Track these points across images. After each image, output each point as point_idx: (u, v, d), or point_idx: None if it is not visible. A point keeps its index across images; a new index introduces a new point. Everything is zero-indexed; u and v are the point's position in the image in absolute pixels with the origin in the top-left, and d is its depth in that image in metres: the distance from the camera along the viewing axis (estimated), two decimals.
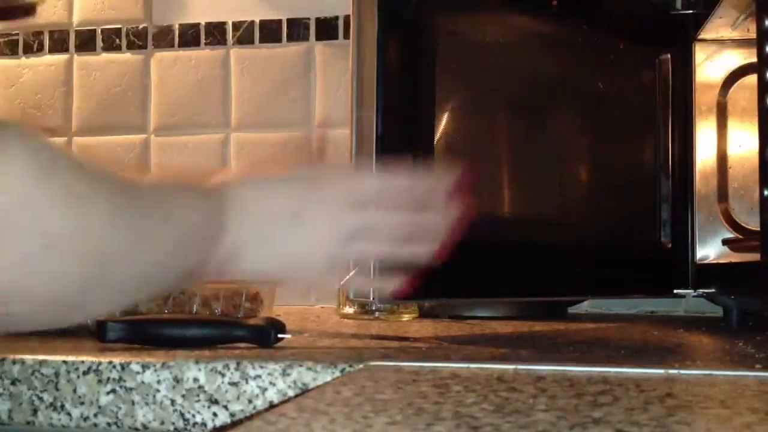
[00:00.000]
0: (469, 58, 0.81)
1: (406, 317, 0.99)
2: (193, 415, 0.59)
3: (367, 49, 0.71)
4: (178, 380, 0.59)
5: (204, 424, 0.59)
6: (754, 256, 0.74)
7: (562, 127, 0.91)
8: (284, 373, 0.58)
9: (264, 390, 0.58)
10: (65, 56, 1.37)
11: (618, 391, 0.46)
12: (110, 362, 0.60)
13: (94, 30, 1.37)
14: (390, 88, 0.71)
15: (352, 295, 0.67)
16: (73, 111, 1.36)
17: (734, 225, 0.97)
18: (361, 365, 0.56)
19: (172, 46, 1.34)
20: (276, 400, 0.58)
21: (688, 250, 0.97)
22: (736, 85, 0.98)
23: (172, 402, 0.59)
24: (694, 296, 0.95)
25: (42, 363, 0.61)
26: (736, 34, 0.97)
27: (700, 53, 0.99)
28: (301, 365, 0.58)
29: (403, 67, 0.73)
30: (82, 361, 0.61)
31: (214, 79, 1.32)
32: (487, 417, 0.38)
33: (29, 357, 0.62)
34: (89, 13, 1.37)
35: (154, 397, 0.60)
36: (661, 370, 0.54)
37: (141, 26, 1.36)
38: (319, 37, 1.30)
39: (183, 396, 0.59)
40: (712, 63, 0.99)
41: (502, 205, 0.85)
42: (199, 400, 0.59)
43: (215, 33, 1.33)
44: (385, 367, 0.55)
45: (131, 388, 0.60)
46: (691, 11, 0.99)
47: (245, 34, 1.32)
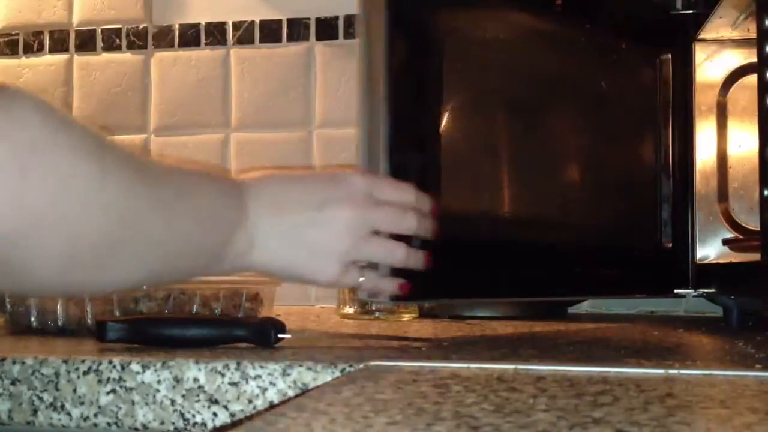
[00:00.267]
0: (474, 58, 0.81)
1: (406, 317, 0.98)
2: (193, 415, 0.59)
3: (376, 49, 0.71)
4: (178, 380, 0.59)
5: (204, 424, 0.59)
6: (754, 256, 0.74)
7: (563, 127, 0.91)
8: (284, 373, 0.58)
9: (264, 390, 0.58)
10: (65, 56, 1.37)
11: (618, 391, 0.46)
12: (110, 362, 0.60)
13: (94, 30, 1.37)
14: (399, 88, 0.71)
15: (365, 296, 0.69)
16: (73, 111, 1.35)
17: (734, 225, 0.97)
18: (361, 365, 0.56)
19: (172, 46, 1.34)
20: (276, 400, 0.58)
21: (688, 250, 0.97)
22: (736, 85, 0.98)
23: (172, 402, 0.59)
24: (694, 296, 0.95)
25: (42, 363, 0.61)
26: (736, 34, 0.97)
27: (700, 53, 0.99)
28: (301, 365, 0.58)
29: (411, 67, 0.73)
30: (82, 361, 0.61)
31: (214, 79, 1.32)
32: (487, 417, 0.38)
33: (29, 357, 0.62)
34: (89, 13, 1.37)
35: (154, 397, 0.60)
36: (661, 370, 0.54)
37: (141, 26, 1.36)
38: (319, 37, 1.30)
39: (183, 396, 0.59)
40: (712, 63, 0.99)
41: (503, 205, 0.85)
42: (199, 400, 0.59)
43: (215, 33, 1.33)
44: (385, 367, 0.55)
45: (131, 388, 0.60)
46: (691, 11, 0.99)
47: (245, 34, 1.32)
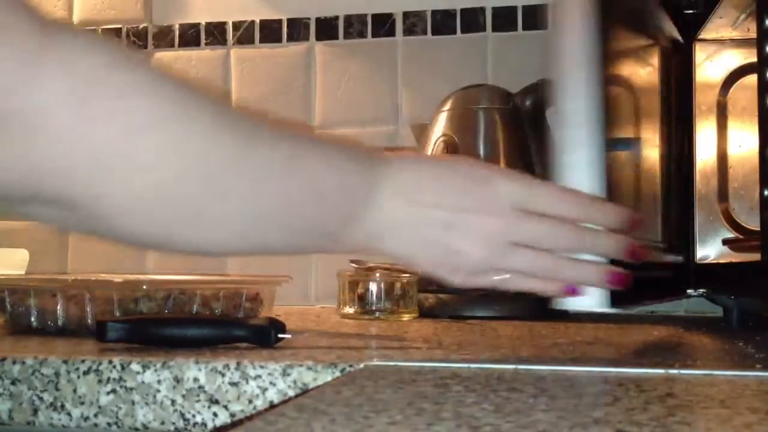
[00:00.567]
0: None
1: (406, 317, 0.98)
2: (194, 415, 0.59)
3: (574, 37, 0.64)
4: (178, 380, 0.59)
5: (204, 424, 0.59)
6: (754, 256, 0.74)
7: None
8: (284, 373, 0.58)
9: (264, 390, 0.58)
10: None
11: (618, 391, 0.46)
12: (110, 362, 0.60)
13: (95, 30, 1.37)
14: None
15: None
16: None
17: (734, 225, 0.97)
18: (361, 365, 0.56)
19: (172, 46, 1.34)
20: (276, 400, 0.58)
21: (688, 250, 0.97)
22: (736, 85, 0.98)
23: (173, 402, 0.59)
24: (694, 296, 0.95)
25: (42, 363, 0.61)
26: (736, 34, 0.97)
27: (700, 53, 0.99)
28: (301, 365, 0.58)
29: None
30: (83, 361, 0.61)
31: (214, 79, 1.32)
32: (487, 417, 0.38)
33: (29, 357, 0.62)
34: (89, 13, 1.37)
35: (155, 397, 0.60)
36: (661, 370, 0.54)
37: (141, 26, 1.36)
38: (319, 37, 1.30)
39: (183, 396, 0.59)
40: (712, 63, 0.99)
41: None
42: (199, 400, 0.59)
43: (215, 33, 1.33)
44: (385, 367, 0.55)
45: (131, 388, 0.60)
46: (691, 11, 0.99)
47: (245, 34, 1.32)
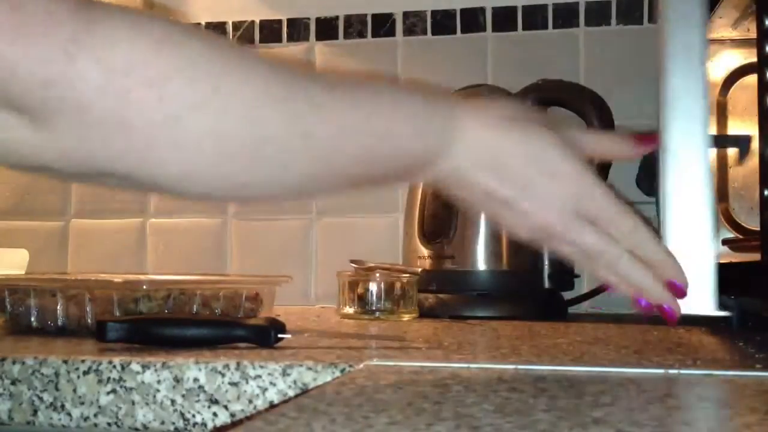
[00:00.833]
0: None
1: (406, 317, 0.98)
2: (193, 415, 0.59)
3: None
4: (178, 380, 0.59)
5: (204, 424, 0.59)
6: (754, 256, 0.74)
7: None
8: (284, 373, 0.58)
9: (264, 390, 0.58)
10: None
11: (618, 391, 0.46)
12: (110, 362, 0.60)
13: None
14: None
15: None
16: None
17: (734, 225, 0.97)
18: (361, 365, 0.56)
19: None
20: (276, 400, 0.58)
21: None
22: (736, 85, 0.98)
23: (173, 402, 0.59)
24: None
25: (42, 363, 0.61)
26: (736, 34, 0.97)
27: None
28: (301, 365, 0.58)
29: None
30: (82, 361, 0.61)
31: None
32: (487, 417, 0.38)
33: (29, 357, 0.62)
34: None
35: (155, 397, 0.60)
36: (661, 370, 0.54)
37: None
38: (319, 37, 1.30)
39: (183, 396, 0.59)
40: (712, 63, 0.99)
41: None
42: (199, 400, 0.59)
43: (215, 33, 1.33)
44: (385, 367, 0.55)
45: (131, 388, 0.60)
46: None
47: (245, 34, 1.32)
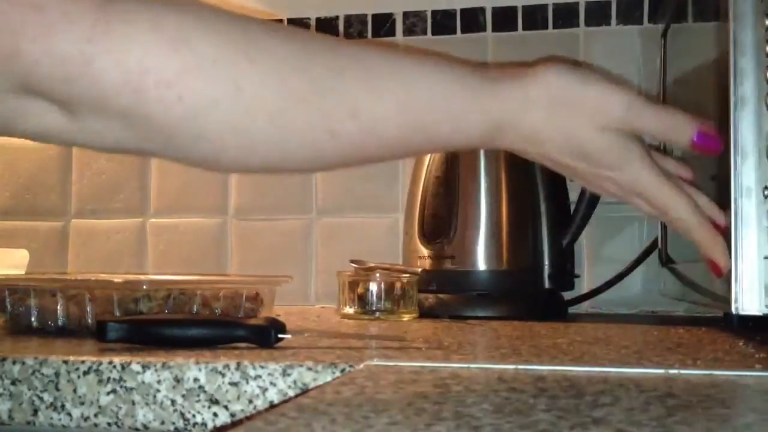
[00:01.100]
0: None
1: (406, 317, 0.98)
2: (194, 415, 0.59)
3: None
4: (178, 380, 0.59)
5: (204, 424, 0.59)
6: None
7: None
8: (284, 373, 0.58)
9: (264, 390, 0.58)
10: None
11: (618, 391, 0.46)
12: (110, 362, 0.60)
13: None
14: None
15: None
16: None
17: None
18: (361, 365, 0.56)
19: None
20: (276, 400, 0.58)
21: None
22: None
23: (173, 402, 0.59)
24: None
25: (42, 363, 0.61)
26: None
27: None
28: (301, 365, 0.58)
29: None
30: (83, 361, 0.61)
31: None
32: (487, 417, 0.38)
33: (29, 357, 0.62)
34: None
35: (155, 397, 0.60)
36: (661, 370, 0.54)
37: None
38: None
39: (183, 396, 0.59)
40: None
41: None
42: (199, 400, 0.59)
43: None
44: (385, 367, 0.55)
45: (131, 388, 0.60)
46: None
47: None
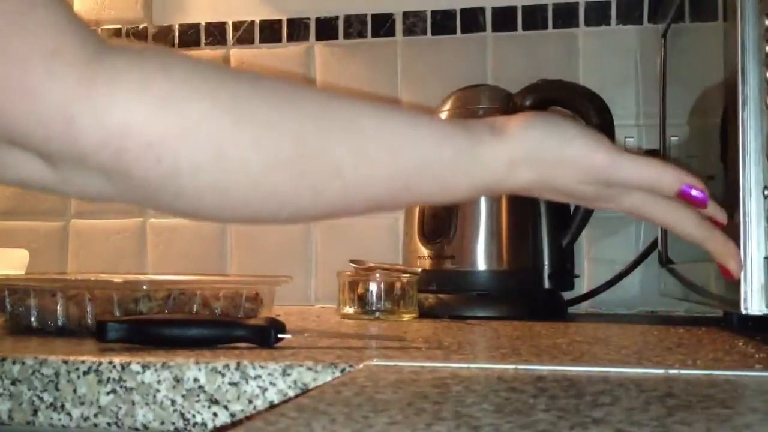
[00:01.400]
0: None
1: (406, 317, 0.98)
2: (194, 415, 0.59)
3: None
4: (178, 380, 0.59)
5: (204, 424, 0.59)
6: None
7: None
8: (284, 373, 0.58)
9: (264, 390, 0.58)
10: None
11: (618, 391, 0.46)
12: (110, 362, 0.60)
13: (94, 30, 1.36)
14: None
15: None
16: None
17: None
18: (361, 365, 0.56)
19: (172, 46, 1.34)
20: (276, 400, 0.58)
21: None
22: None
23: (173, 402, 0.59)
24: None
25: (42, 363, 0.61)
26: None
27: None
28: (301, 365, 0.58)
29: None
30: (82, 361, 0.61)
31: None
32: (487, 417, 0.38)
33: (29, 357, 0.62)
34: (89, 13, 1.37)
35: (155, 397, 0.60)
36: (661, 370, 0.54)
37: (141, 26, 1.35)
38: (319, 37, 1.30)
39: (183, 396, 0.59)
40: None
41: None
42: (199, 400, 0.59)
43: (215, 33, 1.33)
44: (385, 367, 0.55)
45: (131, 388, 0.60)
46: None
47: (245, 34, 1.32)
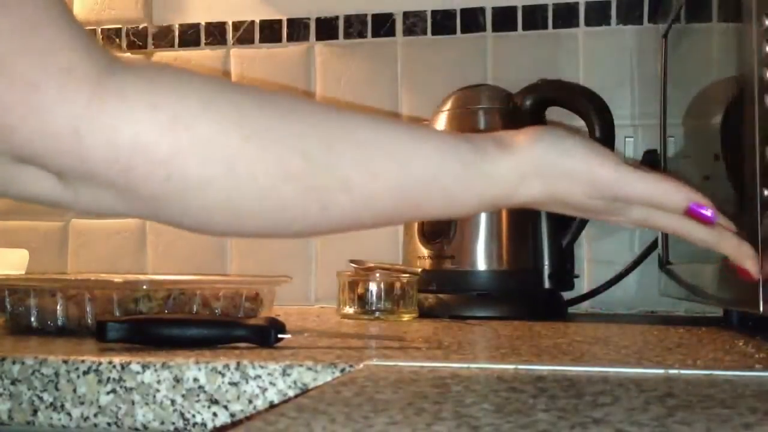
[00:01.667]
0: None
1: (406, 317, 0.98)
2: (193, 415, 0.59)
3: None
4: (178, 380, 0.59)
5: (204, 424, 0.59)
6: None
7: None
8: (284, 373, 0.58)
9: (264, 390, 0.58)
10: None
11: (618, 391, 0.46)
12: (110, 362, 0.60)
13: (94, 30, 1.37)
14: None
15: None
16: None
17: None
18: (361, 365, 0.56)
19: (172, 46, 1.34)
20: (276, 400, 0.58)
21: None
22: None
23: (172, 402, 0.59)
24: None
25: (42, 363, 0.61)
26: None
27: None
28: (301, 365, 0.58)
29: None
30: (82, 361, 0.61)
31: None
32: (487, 417, 0.38)
33: (29, 357, 0.62)
34: (89, 13, 1.37)
35: (154, 397, 0.60)
36: (661, 370, 0.54)
37: (141, 26, 1.35)
38: (319, 37, 1.30)
39: (183, 396, 0.59)
40: None
41: None
42: (199, 400, 0.59)
43: (215, 33, 1.33)
44: (385, 367, 0.55)
45: (131, 388, 0.60)
46: None
47: (245, 34, 1.32)
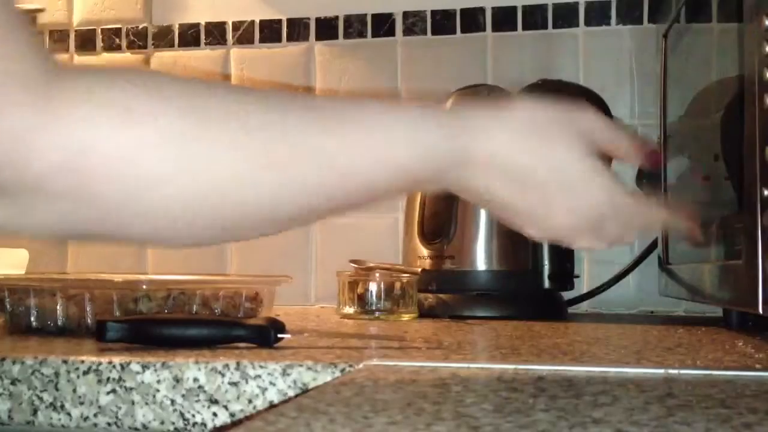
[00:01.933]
0: None
1: (406, 317, 0.98)
2: (193, 415, 0.59)
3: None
4: (178, 380, 0.59)
5: (204, 424, 0.59)
6: None
7: None
8: (284, 373, 0.58)
9: (264, 390, 0.58)
10: (65, 56, 1.37)
11: (618, 391, 0.46)
12: (110, 362, 0.60)
13: (94, 30, 1.37)
14: None
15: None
16: None
17: None
18: (361, 365, 0.56)
19: (172, 46, 1.34)
20: (276, 400, 0.58)
21: None
22: None
23: (172, 402, 0.59)
24: None
25: (42, 363, 0.61)
26: None
27: None
28: (301, 365, 0.58)
29: None
30: (82, 361, 0.61)
31: (215, 80, 1.32)
32: (487, 417, 0.38)
33: (29, 357, 0.62)
34: (89, 13, 1.37)
35: (154, 397, 0.60)
36: (661, 370, 0.54)
37: (141, 26, 1.36)
38: (318, 37, 1.30)
39: (183, 396, 0.59)
40: None
41: None
42: (199, 400, 0.59)
43: (215, 33, 1.33)
44: (385, 367, 0.55)
45: (131, 388, 0.60)
46: None
47: (245, 34, 1.32)
